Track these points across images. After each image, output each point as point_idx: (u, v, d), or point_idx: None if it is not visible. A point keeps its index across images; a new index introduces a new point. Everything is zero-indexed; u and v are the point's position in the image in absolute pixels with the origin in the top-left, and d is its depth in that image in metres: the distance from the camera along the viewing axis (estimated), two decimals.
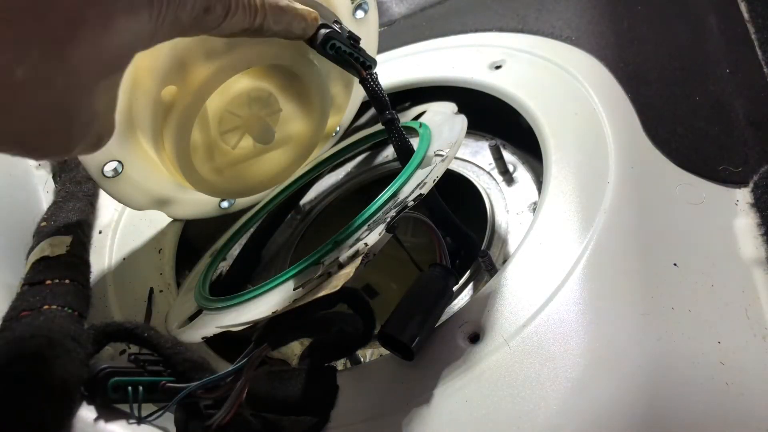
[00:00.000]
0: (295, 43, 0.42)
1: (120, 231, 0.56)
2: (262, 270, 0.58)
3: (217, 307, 0.39)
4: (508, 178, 0.51)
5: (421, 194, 0.35)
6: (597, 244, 0.37)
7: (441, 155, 0.39)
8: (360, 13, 0.49)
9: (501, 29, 0.60)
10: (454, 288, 0.43)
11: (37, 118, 0.23)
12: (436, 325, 0.37)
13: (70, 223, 0.51)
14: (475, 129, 0.57)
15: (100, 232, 0.56)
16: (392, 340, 0.35)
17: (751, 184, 0.37)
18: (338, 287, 0.31)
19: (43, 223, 0.51)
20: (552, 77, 0.51)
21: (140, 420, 0.34)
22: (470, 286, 0.44)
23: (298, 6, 0.36)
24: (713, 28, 0.48)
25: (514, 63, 0.55)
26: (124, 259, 0.54)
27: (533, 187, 0.49)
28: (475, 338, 0.36)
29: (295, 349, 0.48)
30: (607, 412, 0.29)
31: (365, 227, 0.35)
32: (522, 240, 0.40)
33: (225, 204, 0.56)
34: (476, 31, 0.62)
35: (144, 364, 0.35)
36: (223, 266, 0.55)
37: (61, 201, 0.55)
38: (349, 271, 0.32)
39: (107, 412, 0.35)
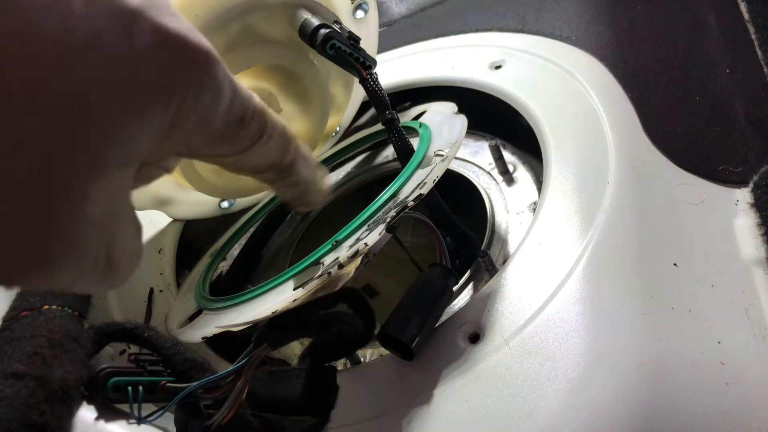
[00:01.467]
0: (296, 43, 0.42)
1: None
2: (262, 270, 0.58)
3: (217, 307, 0.39)
4: (508, 178, 0.51)
5: (421, 194, 0.35)
6: (597, 244, 0.37)
7: (441, 155, 0.39)
8: (360, 13, 0.49)
9: (501, 29, 0.60)
10: (454, 288, 0.43)
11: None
12: (436, 325, 0.37)
13: None
14: (475, 129, 0.57)
15: None
16: (392, 340, 0.35)
17: (751, 184, 0.37)
18: (338, 287, 0.31)
19: None
20: (552, 77, 0.51)
21: (140, 420, 0.34)
22: (470, 286, 0.44)
23: (323, 169, 0.31)
24: (713, 28, 0.48)
25: (514, 63, 0.55)
26: None
27: (533, 187, 0.49)
28: (475, 338, 0.36)
29: (295, 349, 0.48)
30: (607, 411, 0.29)
31: (365, 227, 0.35)
32: (522, 240, 0.40)
33: (225, 204, 0.56)
34: (476, 31, 0.62)
35: (144, 364, 0.35)
36: (223, 266, 0.55)
37: None
38: (349, 271, 0.32)
39: (107, 412, 0.35)
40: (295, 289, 0.34)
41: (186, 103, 0.20)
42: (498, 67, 0.55)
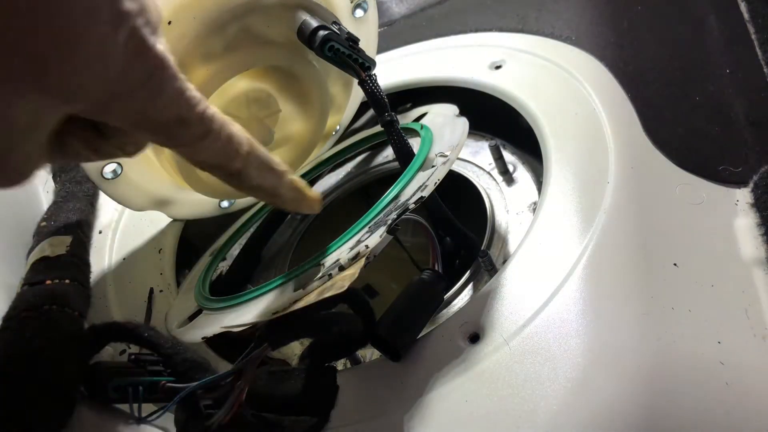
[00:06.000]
0: (294, 44, 0.42)
1: (120, 231, 0.56)
2: (262, 270, 0.58)
3: (218, 307, 0.39)
4: (508, 178, 0.51)
5: (422, 197, 0.35)
6: (597, 244, 0.37)
7: (443, 158, 0.39)
8: (359, 12, 0.49)
9: (501, 29, 0.60)
10: (449, 289, 0.43)
11: None
12: (422, 330, 0.37)
13: (70, 223, 0.51)
14: (475, 129, 0.57)
15: (100, 232, 0.56)
16: (381, 341, 0.35)
17: (751, 184, 0.37)
18: (344, 288, 0.31)
19: (43, 223, 0.51)
20: (552, 77, 0.51)
21: (140, 420, 0.34)
22: (470, 286, 0.44)
23: (299, 181, 0.33)
24: (713, 28, 0.48)
25: (514, 63, 0.55)
26: (124, 259, 0.54)
27: (533, 187, 0.49)
28: (475, 338, 0.36)
29: (295, 349, 0.48)
30: (607, 411, 0.29)
31: (366, 229, 0.35)
32: (522, 240, 0.40)
33: (225, 203, 0.56)
34: (476, 31, 0.62)
35: (144, 364, 0.35)
36: (223, 266, 0.55)
37: (61, 201, 0.55)
38: (354, 272, 0.32)
39: (107, 412, 0.35)
40: (295, 290, 0.34)
41: (127, 84, 0.24)
42: (498, 67, 0.55)
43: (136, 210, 0.49)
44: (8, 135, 0.23)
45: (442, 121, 0.47)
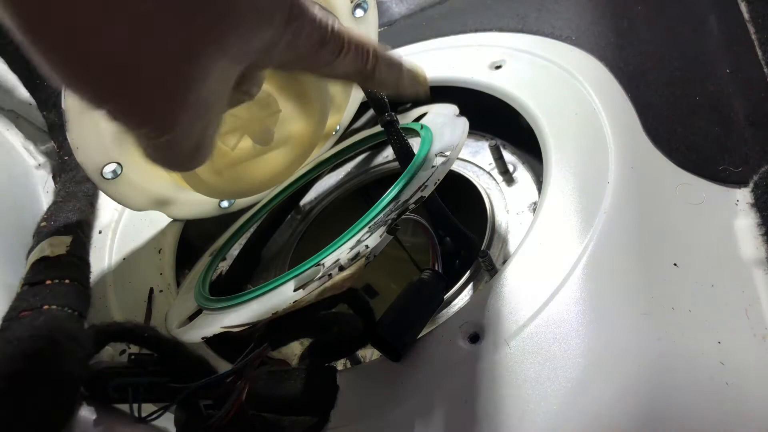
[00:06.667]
0: None
1: (120, 231, 0.56)
2: (262, 270, 0.58)
3: (217, 307, 0.39)
4: (508, 178, 0.51)
5: (422, 197, 0.35)
6: (597, 244, 0.37)
7: (443, 158, 0.39)
8: (359, 12, 0.49)
9: (501, 29, 0.60)
10: (449, 289, 0.43)
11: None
12: (422, 330, 0.37)
13: (70, 223, 0.51)
14: (475, 129, 0.57)
15: (100, 232, 0.56)
16: (381, 342, 0.35)
17: (751, 184, 0.37)
18: (344, 288, 0.31)
19: (43, 223, 0.51)
20: (552, 77, 0.51)
21: (140, 420, 0.34)
22: (470, 286, 0.44)
23: (416, 68, 0.35)
24: (713, 28, 0.48)
25: (514, 63, 0.55)
26: (124, 259, 0.54)
27: (533, 187, 0.49)
28: (475, 338, 0.36)
29: (295, 349, 0.48)
30: (607, 411, 0.29)
31: (366, 229, 0.35)
32: (522, 240, 0.40)
33: (225, 204, 0.56)
34: (476, 31, 0.62)
35: (144, 364, 0.35)
36: (223, 266, 0.55)
37: (61, 201, 0.54)
38: (354, 272, 0.32)
39: (107, 412, 0.35)
40: (295, 290, 0.34)
41: (289, 26, 0.26)
42: (498, 67, 0.55)
43: (136, 210, 0.49)
44: (208, 108, 0.25)
45: (442, 121, 0.47)
